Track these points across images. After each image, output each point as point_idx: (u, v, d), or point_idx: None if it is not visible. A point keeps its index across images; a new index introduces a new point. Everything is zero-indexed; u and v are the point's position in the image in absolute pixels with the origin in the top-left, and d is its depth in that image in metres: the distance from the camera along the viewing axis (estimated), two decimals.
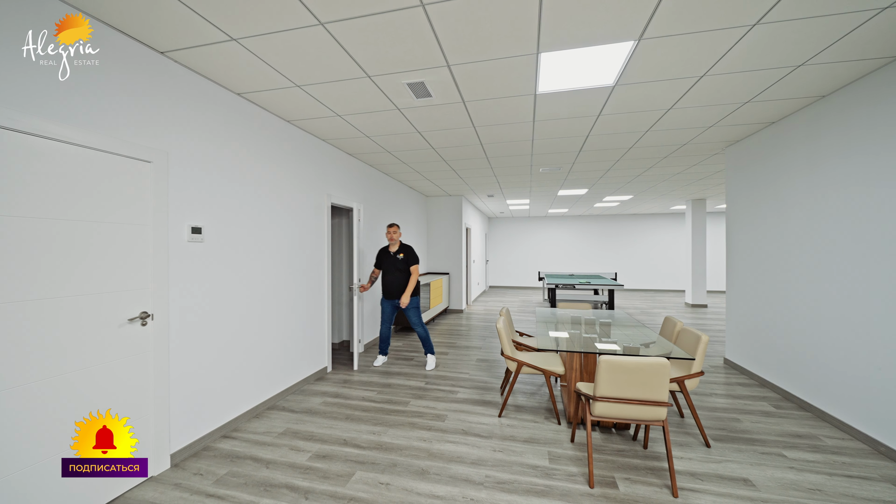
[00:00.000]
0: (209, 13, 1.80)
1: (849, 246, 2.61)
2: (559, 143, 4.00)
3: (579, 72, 2.42)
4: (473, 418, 2.88)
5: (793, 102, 2.96)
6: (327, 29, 1.94)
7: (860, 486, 2.06)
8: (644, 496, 1.97)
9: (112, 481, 1.92)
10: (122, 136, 1.96)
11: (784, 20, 1.89)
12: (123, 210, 1.98)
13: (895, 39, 2.06)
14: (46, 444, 1.66)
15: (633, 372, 1.97)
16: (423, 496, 1.97)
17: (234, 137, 2.71)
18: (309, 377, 3.63)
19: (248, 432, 2.65)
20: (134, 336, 2.04)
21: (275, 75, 2.43)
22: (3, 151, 1.53)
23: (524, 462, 2.28)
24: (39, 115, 1.63)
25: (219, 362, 2.59)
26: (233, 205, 2.70)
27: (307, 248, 3.61)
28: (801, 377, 3.09)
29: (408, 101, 2.85)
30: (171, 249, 2.23)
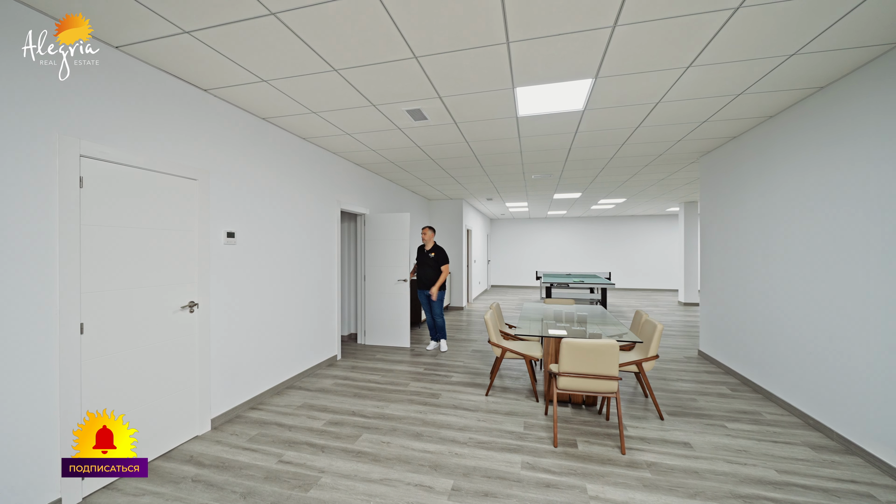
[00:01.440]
0: (246, 62, 2.27)
1: (791, 247, 3.01)
2: (545, 154, 4.43)
3: (552, 100, 2.86)
4: (464, 396, 3.33)
5: (745, 122, 3.36)
6: (341, 74, 2.40)
7: (781, 448, 2.47)
8: (597, 453, 2.40)
9: (169, 436, 2.41)
10: (176, 161, 2.45)
11: (713, 63, 2.31)
12: (176, 219, 2.47)
13: (821, 72, 2.46)
14: (131, 394, 2.15)
15: (588, 351, 2.41)
16: (417, 451, 2.43)
17: (259, 155, 3.19)
18: (321, 363, 4.11)
19: (271, 405, 3.14)
20: (185, 321, 2.53)
21: (296, 105, 2.91)
22: (96, 177, 2.02)
23: (502, 429, 2.73)
24: (117, 147, 2.12)
25: (247, 346, 3.07)
26: (258, 212, 3.18)
27: (320, 249, 4.10)
28: (754, 363, 3.49)
29: (407, 122, 3.31)
30: (211, 250, 2.72)
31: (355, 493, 2.01)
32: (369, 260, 5.06)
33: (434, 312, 4.78)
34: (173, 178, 2.44)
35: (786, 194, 3.06)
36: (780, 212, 3.14)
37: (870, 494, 2.00)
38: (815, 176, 2.74)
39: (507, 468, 2.24)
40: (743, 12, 1.81)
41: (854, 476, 2.16)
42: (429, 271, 4.70)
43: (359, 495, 1.99)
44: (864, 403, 2.32)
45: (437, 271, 4.67)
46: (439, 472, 2.19)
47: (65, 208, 1.88)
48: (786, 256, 3.05)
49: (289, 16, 1.82)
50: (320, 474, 2.18)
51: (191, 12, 1.79)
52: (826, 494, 2.00)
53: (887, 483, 2.09)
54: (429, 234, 4.74)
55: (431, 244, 4.74)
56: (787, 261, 3.03)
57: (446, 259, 4.71)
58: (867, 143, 2.31)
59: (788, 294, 3.02)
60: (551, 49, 2.13)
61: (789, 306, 3.01)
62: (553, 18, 1.85)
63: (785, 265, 3.06)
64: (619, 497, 1.98)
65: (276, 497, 1.97)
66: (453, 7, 1.76)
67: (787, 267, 3.03)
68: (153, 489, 2.04)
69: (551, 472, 2.21)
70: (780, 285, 3.12)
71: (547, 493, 2.01)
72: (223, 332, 2.83)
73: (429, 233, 4.74)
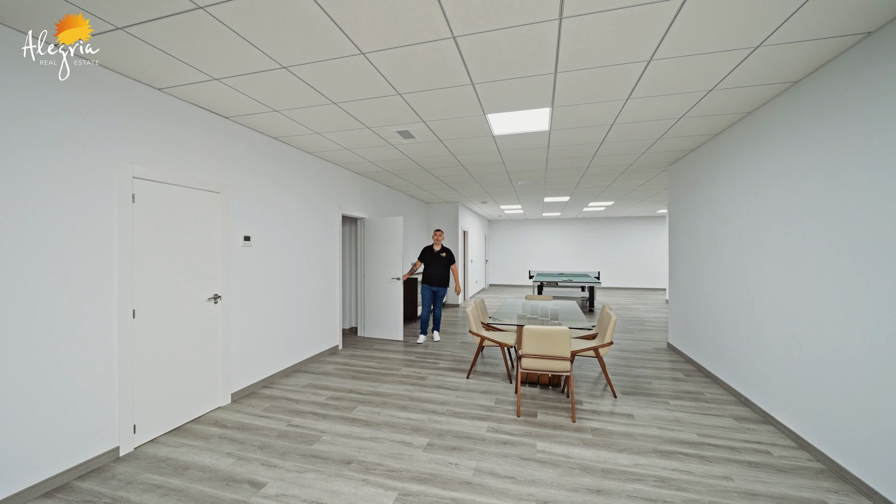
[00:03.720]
0: (263, 98, 2.78)
1: (734, 248, 3.46)
2: (526, 164, 4.90)
3: (521, 123, 3.33)
4: (448, 379, 3.81)
5: (693, 139, 3.81)
6: (339, 106, 2.90)
7: (710, 419, 2.92)
8: (552, 422, 2.87)
9: (198, 405, 2.92)
10: (203, 178, 2.97)
11: (646, 97, 2.77)
12: (203, 225, 2.98)
13: (749, 99, 2.91)
14: (170, 368, 2.67)
15: (544, 336, 2.89)
16: (402, 419, 2.92)
17: (271, 169, 3.70)
18: (325, 351, 4.62)
19: (281, 385, 3.64)
20: (210, 310, 3.04)
21: (302, 128, 3.41)
22: (144, 193, 2.53)
23: (476, 403, 3.21)
24: (159, 169, 2.63)
25: (261, 333, 3.58)
26: (270, 218, 3.69)
27: (323, 251, 4.60)
28: (705, 351, 3.93)
29: (398, 140, 3.81)
30: (231, 252, 3.23)
31: (349, 446, 2.51)
32: (368, 260, 5.56)
33: (437, 305, 5.37)
34: (201, 192, 2.95)
35: (725, 202, 3.51)
36: (721, 217, 3.58)
37: (767, 451, 2.45)
38: (746, 183, 3.19)
39: (474, 431, 2.72)
40: (655, 65, 2.28)
41: (761, 439, 2.61)
42: (439, 269, 5.26)
43: (352, 448, 2.49)
44: (776, 378, 2.77)
45: (447, 269, 5.28)
46: (418, 434, 2.68)
47: (122, 219, 2.39)
48: (724, 256, 3.50)
49: (299, 69, 2.32)
50: (322, 434, 2.68)
51: (216, 65, 2.29)
52: (731, 451, 2.46)
53: (786, 444, 2.54)
54: (440, 235, 5.33)
55: (440, 245, 5.34)
56: (725, 260, 3.48)
57: (454, 258, 5.35)
58: (777, 169, 2.76)
59: (726, 287, 3.47)
60: (509, 88, 2.61)
61: (726, 297, 3.46)
62: (506, 68, 2.33)
63: (724, 264, 3.51)
64: (560, 451, 2.45)
65: (286, 448, 2.48)
66: (425, 59, 2.24)
67: (725, 265, 3.48)
68: (188, 443, 2.55)
69: (510, 434, 2.69)
70: (722, 281, 3.56)
71: (503, 448, 2.49)
72: (241, 321, 3.34)
73: (440, 234, 5.34)
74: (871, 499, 1.96)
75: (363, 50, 2.11)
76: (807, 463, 2.31)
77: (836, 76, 2.21)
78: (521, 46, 2.08)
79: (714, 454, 2.42)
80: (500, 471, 2.24)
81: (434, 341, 5.34)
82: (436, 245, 5.36)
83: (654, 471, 2.24)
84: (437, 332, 5.48)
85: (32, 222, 1.98)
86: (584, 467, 2.27)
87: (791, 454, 2.41)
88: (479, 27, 1.90)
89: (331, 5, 1.73)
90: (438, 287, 5.32)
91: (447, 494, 2.02)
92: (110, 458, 2.32)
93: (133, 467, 2.26)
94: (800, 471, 2.23)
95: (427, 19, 1.84)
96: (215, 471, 2.23)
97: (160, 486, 2.09)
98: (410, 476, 2.19)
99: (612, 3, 1.72)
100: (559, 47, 2.09)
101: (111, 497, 1.99)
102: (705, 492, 2.05)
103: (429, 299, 5.33)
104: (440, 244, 5.36)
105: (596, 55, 2.17)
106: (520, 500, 1.98)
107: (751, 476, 2.19)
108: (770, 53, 2.17)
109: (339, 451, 2.44)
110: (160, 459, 2.35)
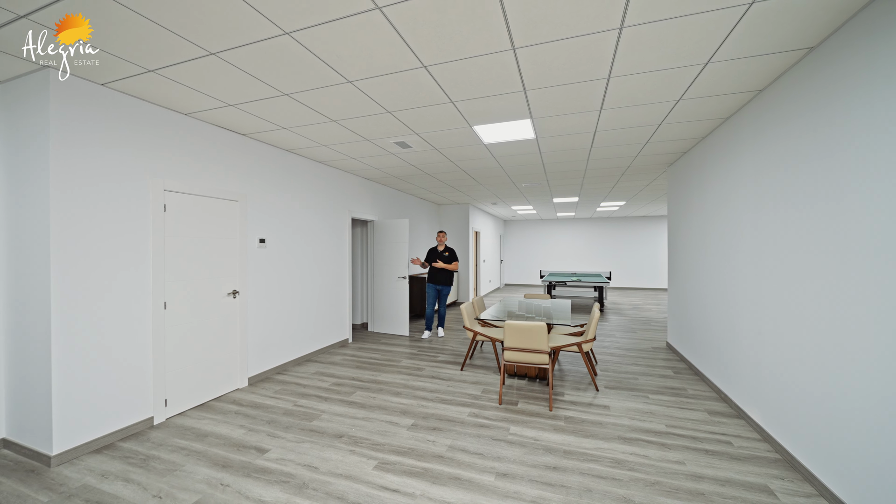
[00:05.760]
0: (275, 119, 3.18)
1: (718, 248, 3.55)
2: (523, 168, 5.11)
3: (507, 132, 3.57)
4: (442, 370, 4.11)
5: (684, 142, 3.90)
6: (339, 123, 3.26)
7: (683, 412, 3.06)
8: (530, 409, 3.11)
9: (219, 386, 3.36)
10: (224, 188, 3.40)
11: (618, 107, 2.95)
12: (224, 229, 3.42)
13: (721, 106, 3.03)
14: (196, 353, 3.12)
15: (522, 330, 3.13)
16: (394, 403, 3.24)
17: (283, 178, 4.13)
18: (334, 344, 5.03)
19: (292, 372, 4.06)
20: (230, 304, 3.48)
21: (310, 141, 3.80)
22: (173, 203, 2.98)
23: (464, 392, 3.49)
24: (186, 181, 3.08)
25: (275, 326, 4.01)
26: (283, 222, 4.12)
27: (333, 252, 5.01)
28: (696, 350, 4.02)
29: (397, 150, 4.14)
30: (248, 252, 3.67)
31: (343, 424, 2.86)
32: (377, 260, 5.94)
33: (440, 303, 5.68)
34: (222, 200, 3.40)
35: (713, 202, 3.60)
36: (708, 217, 3.67)
37: (728, 442, 2.59)
38: (727, 184, 3.29)
39: (456, 415, 3.01)
40: (615, 81, 2.47)
41: (727, 431, 2.74)
42: (444, 269, 5.57)
43: (345, 425, 2.83)
44: (747, 373, 2.88)
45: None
46: (406, 416, 3.00)
47: (155, 225, 2.84)
48: (711, 256, 3.60)
49: (299, 95, 2.68)
50: (321, 413, 3.04)
51: (230, 95, 2.69)
52: (693, 440, 2.62)
53: (751, 436, 2.66)
54: (443, 237, 5.65)
55: (444, 245, 5.66)
56: (711, 259, 3.58)
57: (457, 257, 5.66)
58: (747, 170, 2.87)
59: (711, 287, 3.57)
60: (486, 105, 2.87)
61: (711, 297, 3.56)
62: (477, 88, 2.59)
63: (710, 263, 3.61)
64: (531, 434, 2.69)
65: (289, 423, 2.86)
66: (405, 83, 2.54)
67: (711, 265, 3.58)
68: (209, 416, 2.99)
69: (489, 419, 2.95)
70: (708, 280, 3.66)
71: (479, 430, 2.76)
72: (257, 314, 3.78)
73: (443, 235, 5.66)
74: (813, 485, 2.09)
75: (350, 79, 2.44)
76: (764, 453, 2.44)
77: (792, 84, 2.33)
78: (486, 71, 2.34)
79: (675, 443, 2.59)
80: (471, 448, 2.51)
81: (438, 337, 5.65)
82: (439, 246, 5.66)
83: (612, 454, 2.44)
84: (441, 328, 5.79)
85: (95, 231, 2.45)
86: (548, 448, 2.51)
87: (751, 445, 2.54)
88: (445, 58, 2.18)
89: (318, 48, 2.06)
90: (443, 286, 5.62)
91: (419, 464, 2.32)
92: (146, 426, 2.77)
93: (164, 433, 2.71)
94: (754, 459, 2.37)
95: (399, 55, 2.14)
96: (229, 438, 2.64)
97: (184, 448, 2.51)
98: (391, 449, 2.50)
99: (558, 34, 1.95)
100: (520, 70, 2.34)
101: (146, 455, 2.43)
102: (654, 473, 2.24)
103: (433, 297, 5.64)
104: (444, 245, 5.66)
105: (555, 76, 2.40)
106: (482, 472, 2.25)
107: (703, 462, 2.35)
108: (722, 68, 2.32)
109: (334, 428, 2.79)
110: (186, 428, 2.79)
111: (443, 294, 5.67)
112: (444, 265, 5.49)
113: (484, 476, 2.21)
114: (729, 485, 2.13)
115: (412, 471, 2.26)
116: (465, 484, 2.13)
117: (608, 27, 1.88)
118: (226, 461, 2.35)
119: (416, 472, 2.25)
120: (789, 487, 2.10)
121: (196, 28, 1.88)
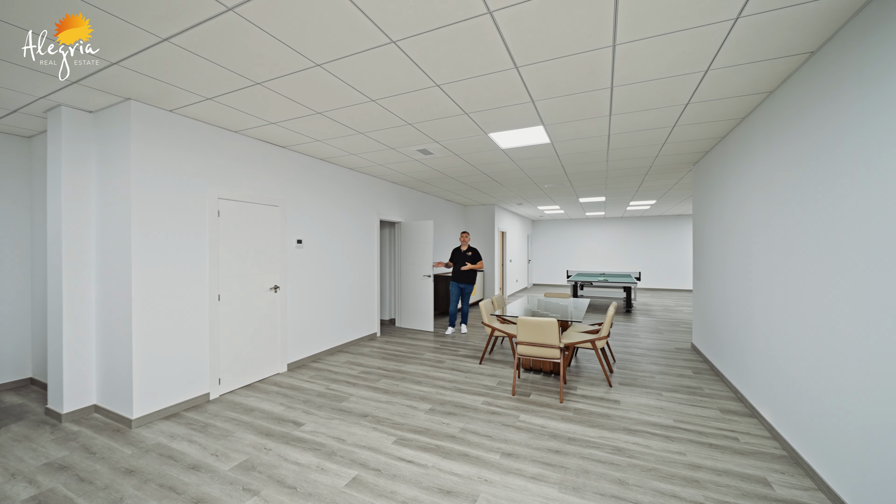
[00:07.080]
0: (311, 133, 3.57)
1: (740, 251, 3.54)
2: (543, 170, 5.24)
3: (522, 138, 3.75)
4: (462, 364, 4.36)
5: (704, 143, 3.90)
6: (366, 135, 3.60)
7: (695, 409, 3.12)
8: (541, 401, 3.29)
9: (263, 370, 3.81)
10: (266, 195, 3.85)
11: (628, 112, 3.06)
12: (267, 231, 3.87)
13: (733, 108, 3.07)
14: (245, 340, 3.58)
15: (535, 326, 3.31)
16: (414, 390, 3.53)
17: (318, 184, 4.55)
18: (363, 337, 5.42)
19: (325, 360, 4.47)
20: (272, 298, 3.93)
21: (340, 151, 4.19)
22: (226, 209, 3.44)
23: (480, 383, 3.72)
24: (236, 190, 3.53)
25: (310, 319, 4.44)
26: (318, 224, 4.54)
27: (363, 252, 5.40)
28: (717, 350, 4.00)
29: (420, 157, 4.43)
30: (287, 252, 4.10)
31: (368, 406, 3.18)
32: (403, 259, 6.28)
33: (464, 301, 5.93)
34: (265, 206, 3.84)
35: (733, 202, 3.59)
36: (730, 216, 3.66)
37: (735, 438, 2.64)
38: (744, 185, 3.29)
39: (471, 403, 3.24)
40: (620, 90, 2.61)
41: (736, 428, 2.78)
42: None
43: (370, 407, 3.16)
44: (761, 373, 2.90)
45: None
46: (424, 401, 3.28)
47: (211, 229, 3.31)
48: (732, 256, 3.59)
49: (330, 112, 3.04)
50: (350, 396, 3.39)
51: (273, 114, 3.09)
52: (699, 435, 2.69)
53: (760, 434, 2.70)
54: (466, 237, 5.90)
55: (467, 245, 5.90)
56: (732, 259, 3.57)
57: (480, 257, 5.88)
58: (759, 173, 2.89)
59: (732, 287, 3.56)
60: (498, 115, 3.09)
61: (731, 297, 3.55)
62: (488, 101, 2.82)
63: (731, 263, 3.60)
64: (538, 422, 2.88)
65: (321, 403, 3.22)
66: (422, 100, 2.82)
67: (732, 265, 3.57)
68: (255, 395, 3.42)
69: (501, 407, 3.16)
70: (729, 281, 3.65)
71: (491, 416, 2.99)
72: (295, 308, 4.21)
73: (466, 235, 5.92)
74: (813, 480, 2.14)
75: (373, 98, 2.75)
76: (770, 450, 2.48)
77: (796, 87, 2.37)
78: (494, 86, 2.57)
79: (680, 436, 2.68)
80: (481, 431, 2.74)
81: (461, 333, 5.90)
82: (462, 246, 5.91)
83: (615, 443, 2.58)
84: (464, 325, 6.04)
85: (164, 235, 2.93)
86: (553, 435, 2.69)
87: (758, 442, 2.58)
88: (455, 78, 2.43)
89: (344, 75, 2.38)
90: (465, 284, 5.86)
91: (433, 442, 2.59)
92: (203, 400, 3.24)
93: (218, 407, 3.16)
94: (758, 455, 2.43)
95: (414, 78, 2.42)
96: (271, 413, 3.04)
97: (235, 419, 2.94)
98: (409, 428, 2.79)
99: (555, 53, 2.14)
100: (526, 85, 2.54)
101: (205, 423, 2.87)
102: (653, 461, 2.36)
103: (456, 295, 5.90)
104: (467, 244, 5.90)
105: (559, 88, 2.58)
106: (489, 451, 2.47)
107: (704, 454, 2.44)
108: (724, 74, 2.40)
109: (360, 408, 3.13)
110: (235, 403, 3.23)
111: (465, 292, 5.92)
112: (471, 266, 5.73)
113: (490, 454, 2.43)
114: (726, 475, 2.21)
115: (426, 447, 2.53)
116: (472, 460, 2.37)
117: (601, 45, 2.05)
118: (268, 431, 2.74)
119: (429, 447, 2.52)
120: (788, 481, 2.16)
121: (245, 65, 2.26)
